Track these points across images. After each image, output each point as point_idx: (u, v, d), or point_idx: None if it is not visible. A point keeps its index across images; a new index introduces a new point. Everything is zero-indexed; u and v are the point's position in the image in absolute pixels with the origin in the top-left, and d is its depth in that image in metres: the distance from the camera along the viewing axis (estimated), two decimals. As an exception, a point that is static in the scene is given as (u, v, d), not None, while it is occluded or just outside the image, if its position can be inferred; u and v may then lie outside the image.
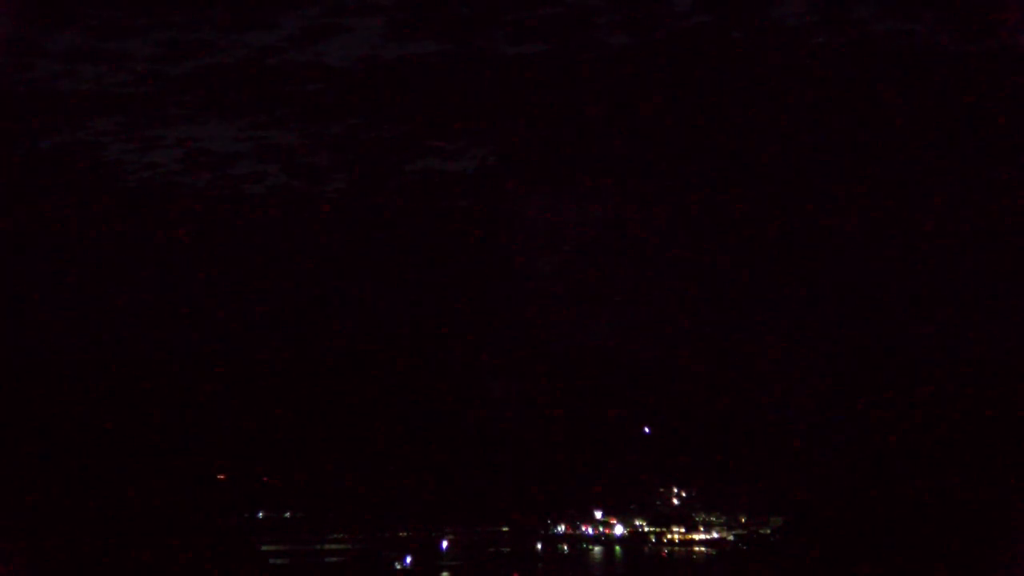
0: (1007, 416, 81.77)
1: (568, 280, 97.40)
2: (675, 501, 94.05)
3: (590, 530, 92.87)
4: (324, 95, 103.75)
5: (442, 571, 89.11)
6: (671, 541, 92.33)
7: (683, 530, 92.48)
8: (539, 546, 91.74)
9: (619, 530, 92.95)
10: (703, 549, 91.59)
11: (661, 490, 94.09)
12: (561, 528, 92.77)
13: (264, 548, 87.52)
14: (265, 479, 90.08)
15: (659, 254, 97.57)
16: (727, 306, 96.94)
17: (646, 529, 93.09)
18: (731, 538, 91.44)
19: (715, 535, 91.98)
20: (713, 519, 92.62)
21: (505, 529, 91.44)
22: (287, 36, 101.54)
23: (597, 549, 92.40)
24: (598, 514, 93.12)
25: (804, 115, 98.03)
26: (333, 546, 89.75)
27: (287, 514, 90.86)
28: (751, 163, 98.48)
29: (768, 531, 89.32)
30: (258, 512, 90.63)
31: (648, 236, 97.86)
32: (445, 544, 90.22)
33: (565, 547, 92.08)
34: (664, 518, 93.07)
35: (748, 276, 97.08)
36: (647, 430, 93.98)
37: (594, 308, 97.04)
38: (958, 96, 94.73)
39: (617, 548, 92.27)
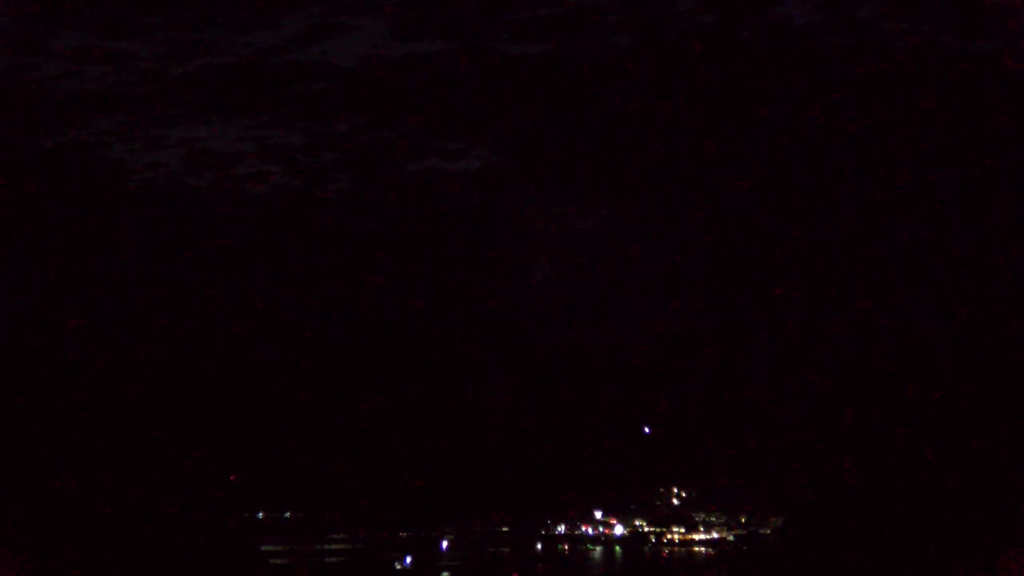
0: (1008, 416, 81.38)
1: (569, 279, 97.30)
2: (675, 501, 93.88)
3: (590, 530, 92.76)
4: (327, 95, 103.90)
5: (442, 571, 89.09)
6: (671, 541, 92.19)
7: (683, 530, 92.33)
8: (539, 546, 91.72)
9: (619, 530, 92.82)
10: (703, 549, 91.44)
11: (661, 490, 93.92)
12: (561, 528, 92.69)
13: (264, 548, 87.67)
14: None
15: (661, 254, 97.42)
16: (728, 306, 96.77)
17: (646, 529, 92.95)
18: (731, 538, 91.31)
19: (715, 535, 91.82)
20: (713, 519, 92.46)
21: (505, 529, 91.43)
22: (290, 35, 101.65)
23: (597, 549, 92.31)
24: (598, 514, 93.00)
25: (808, 115, 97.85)
26: (333, 546, 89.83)
27: (287, 514, 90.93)
28: (754, 163, 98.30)
29: (768, 531, 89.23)
30: (258, 512, 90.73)
31: (650, 237, 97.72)
32: (445, 544, 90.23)
33: (565, 547, 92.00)
34: (664, 518, 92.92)
35: (749, 276, 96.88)
36: (647, 430, 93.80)
37: (594, 307, 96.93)
38: (960, 96, 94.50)
39: (617, 548, 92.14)
